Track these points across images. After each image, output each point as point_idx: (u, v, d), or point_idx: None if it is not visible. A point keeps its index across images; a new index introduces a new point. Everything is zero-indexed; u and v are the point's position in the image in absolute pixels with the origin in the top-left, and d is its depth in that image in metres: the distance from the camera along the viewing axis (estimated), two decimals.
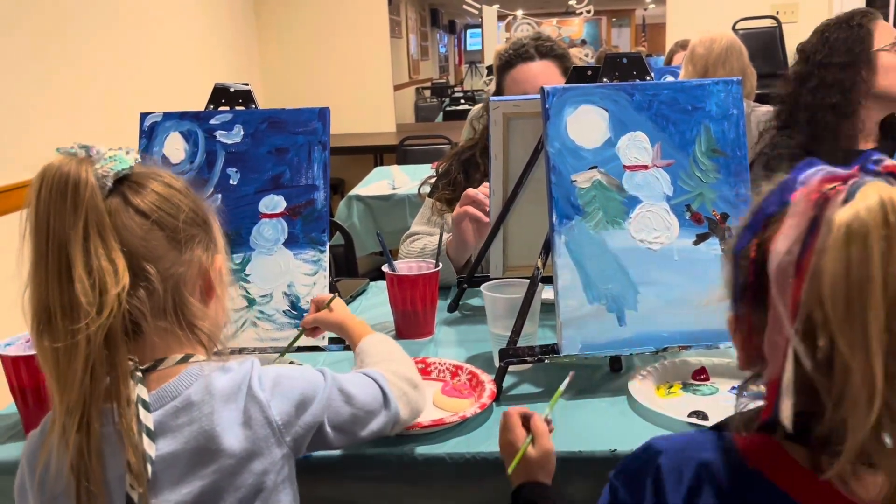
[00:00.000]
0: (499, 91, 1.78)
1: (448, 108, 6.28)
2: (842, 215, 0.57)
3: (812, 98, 1.81)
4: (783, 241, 0.60)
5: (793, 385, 0.60)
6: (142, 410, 0.79)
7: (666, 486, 0.69)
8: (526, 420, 0.94)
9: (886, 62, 1.78)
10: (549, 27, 5.91)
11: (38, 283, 0.77)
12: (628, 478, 0.74)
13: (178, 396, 0.82)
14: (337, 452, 1.03)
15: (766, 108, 2.82)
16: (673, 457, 0.71)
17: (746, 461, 0.68)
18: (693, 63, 2.78)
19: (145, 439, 0.79)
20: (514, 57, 1.74)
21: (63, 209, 0.77)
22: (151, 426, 0.80)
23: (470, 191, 1.53)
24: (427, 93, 6.69)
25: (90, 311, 0.75)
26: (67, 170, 0.79)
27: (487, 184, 1.54)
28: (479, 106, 3.16)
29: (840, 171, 0.61)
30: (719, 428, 0.73)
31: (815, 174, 0.61)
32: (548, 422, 0.95)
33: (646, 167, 1.18)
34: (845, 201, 0.58)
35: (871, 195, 0.57)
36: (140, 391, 0.80)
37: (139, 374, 0.81)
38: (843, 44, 1.81)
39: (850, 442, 0.58)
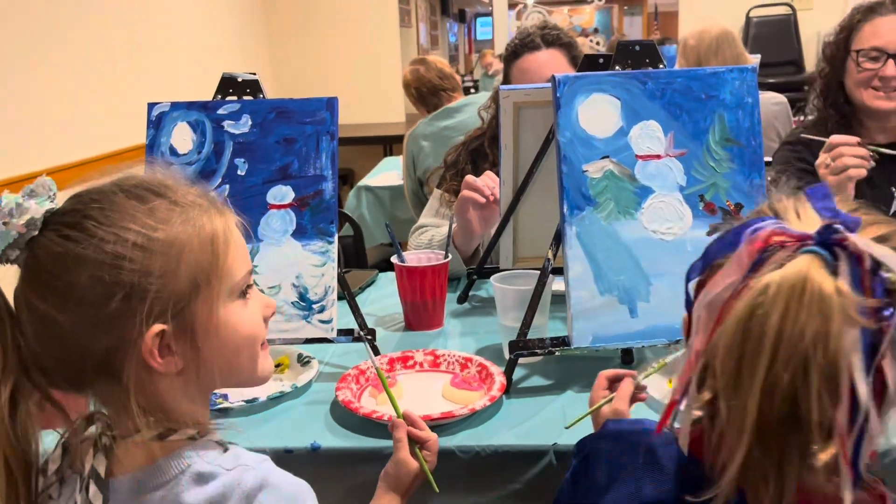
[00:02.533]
0: (506, 81, 1.77)
1: None
2: (758, 283, 0.56)
3: (820, 83, 1.78)
4: (715, 285, 0.60)
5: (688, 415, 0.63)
6: (92, 487, 0.67)
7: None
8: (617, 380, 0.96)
9: (850, 66, 1.71)
10: (560, 15, 5.86)
11: None
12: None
13: (137, 497, 0.68)
14: (347, 445, 1.02)
15: (771, 95, 2.78)
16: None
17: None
18: (685, 56, 2.75)
19: None
20: (519, 46, 1.72)
21: None
22: None
23: (469, 177, 1.51)
24: None
25: None
26: None
27: (490, 172, 1.52)
28: (482, 95, 3.16)
29: (793, 231, 0.59)
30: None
31: (769, 226, 0.59)
32: (640, 388, 0.96)
33: (658, 157, 1.16)
34: (781, 265, 0.57)
35: (790, 271, 0.56)
36: (98, 464, 0.68)
37: (106, 439, 0.69)
38: (836, 33, 1.76)
39: (718, 496, 0.60)
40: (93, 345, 0.67)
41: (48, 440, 0.73)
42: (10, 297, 0.69)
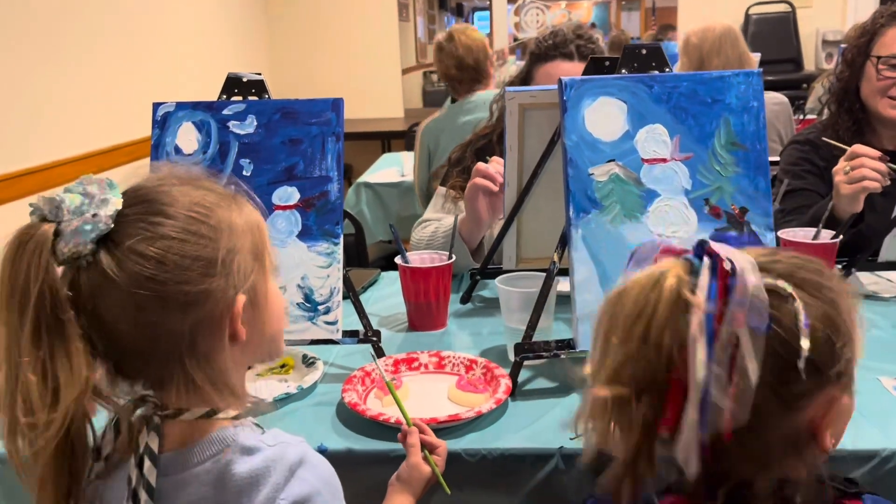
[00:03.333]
0: (528, 77, 1.75)
1: None
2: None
3: (837, 86, 1.76)
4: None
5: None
6: (147, 462, 0.71)
7: None
8: None
9: (869, 72, 1.69)
10: (558, 10, 5.85)
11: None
12: None
13: (186, 469, 0.72)
14: (353, 447, 1.02)
15: (771, 95, 2.77)
16: None
17: None
18: (688, 54, 2.72)
19: (143, 496, 0.70)
20: (552, 49, 1.71)
21: (14, 289, 0.66)
22: (153, 482, 0.70)
23: (480, 165, 1.51)
24: (435, 77, 6.64)
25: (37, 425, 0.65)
26: (26, 237, 0.67)
27: (497, 157, 1.52)
28: (491, 91, 3.11)
29: (677, 247, 0.71)
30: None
31: (656, 244, 0.73)
32: None
33: (664, 160, 1.16)
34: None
35: (658, 267, 0.68)
36: (151, 441, 0.72)
37: (157, 419, 0.73)
38: (857, 37, 1.73)
39: None
40: (179, 322, 0.70)
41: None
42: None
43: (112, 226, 0.68)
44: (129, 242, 0.68)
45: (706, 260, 0.65)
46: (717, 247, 0.65)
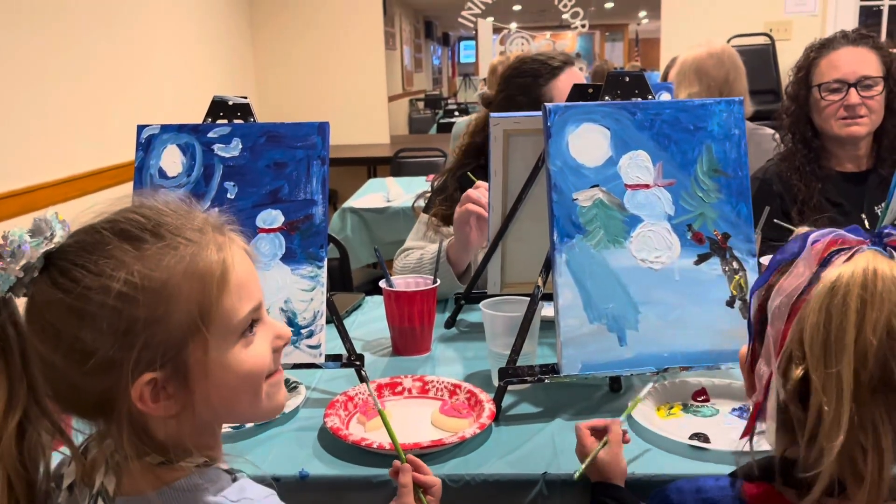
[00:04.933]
0: (537, 97, 1.72)
1: (442, 121, 6.29)
2: (831, 273, 0.66)
3: (787, 120, 1.84)
4: (786, 285, 0.69)
5: (775, 412, 0.69)
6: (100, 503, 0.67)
7: None
8: (600, 430, 1.00)
9: (815, 101, 1.79)
10: (543, 40, 5.93)
11: None
12: None
13: None
14: (336, 472, 1.01)
15: (768, 132, 2.77)
16: None
17: None
18: (709, 77, 2.59)
19: None
20: (565, 64, 1.74)
21: None
22: None
23: (470, 192, 1.52)
24: (421, 104, 6.70)
25: None
26: None
27: (484, 183, 1.52)
28: (465, 118, 3.13)
29: (851, 236, 0.69)
30: (734, 475, 0.78)
31: (828, 235, 0.70)
32: (623, 433, 1.00)
33: (647, 186, 1.17)
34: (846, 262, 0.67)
35: (860, 262, 0.65)
36: (108, 482, 0.68)
37: (117, 457, 0.68)
38: (795, 73, 1.85)
39: (821, 475, 0.65)
40: (87, 386, 0.66)
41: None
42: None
43: (24, 277, 0.66)
44: (33, 298, 0.67)
45: (894, 251, 0.66)
46: None
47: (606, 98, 1.21)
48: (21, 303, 0.69)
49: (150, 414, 0.67)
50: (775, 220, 1.70)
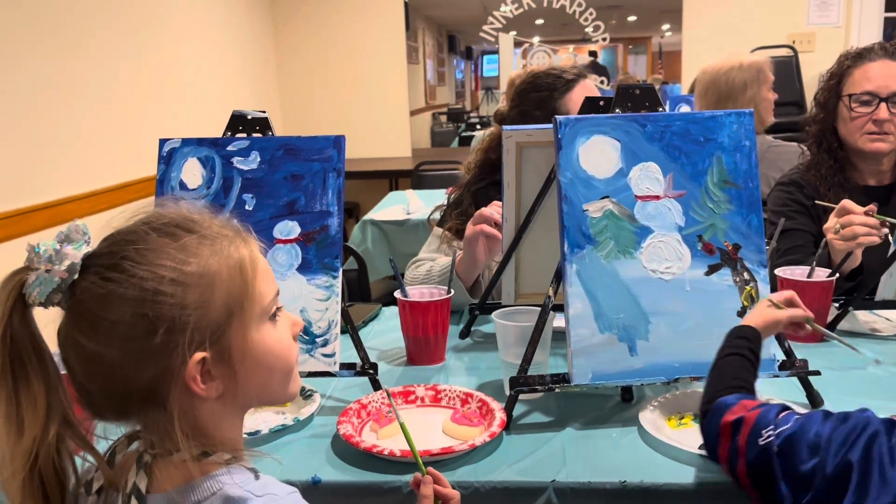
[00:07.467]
0: (552, 110, 1.74)
1: (464, 134, 6.32)
2: None
3: (814, 128, 1.82)
4: None
5: None
6: (133, 502, 0.71)
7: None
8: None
9: (843, 112, 1.75)
10: (566, 53, 5.95)
11: None
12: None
13: None
14: (348, 479, 1.03)
15: (793, 147, 2.76)
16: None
17: None
18: (717, 87, 2.63)
19: None
20: (580, 75, 1.76)
21: None
22: None
23: (484, 210, 1.54)
24: (443, 118, 6.75)
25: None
26: (6, 280, 0.70)
27: (498, 203, 1.54)
28: (484, 131, 3.14)
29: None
30: None
31: None
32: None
33: (658, 197, 1.18)
34: None
35: None
36: (140, 480, 0.71)
37: (147, 457, 0.72)
38: (827, 80, 1.81)
39: None
40: (139, 376, 0.69)
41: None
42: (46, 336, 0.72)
43: (68, 278, 0.69)
44: (79, 298, 0.69)
45: None
46: None
47: (617, 110, 1.22)
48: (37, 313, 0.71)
49: (200, 395, 0.71)
50: (817, 202, 1.68)
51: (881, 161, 1.76)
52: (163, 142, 1.33)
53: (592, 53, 5.76)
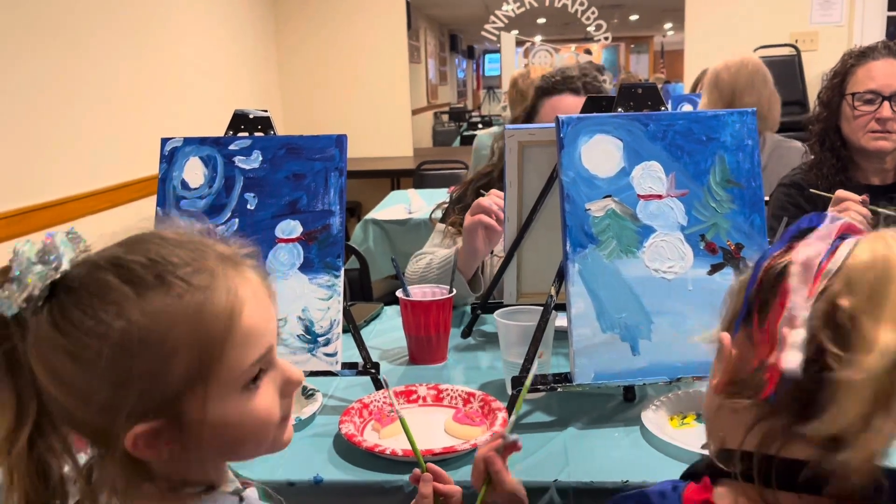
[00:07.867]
0: (532, 112, 1.78)
1: (465, 133, 6.32)
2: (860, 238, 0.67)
3: (817, 127, 1.82)
4: (813, 244, 0.68)
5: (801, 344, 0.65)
6: None
7: None
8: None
9: (846, 111, 1.76)
10: (567, 53, 5.94)
11: None
12: None
13: None
14: (350, 478, 1.03)
15: (797, 145, 2.76)
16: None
17: None
18: (719, 89, 2.69)
19: None
20: (560, 84, 1.75)
21: None
22: None
23: (482, 200, 1.54)
24: (445, 117, 6.74)
25: None
26: None
27: (496, 191, 1.54)
28: (486, 131, 3.13)
29: (862, 229, 0.70)
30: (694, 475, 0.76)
31: (843, 220, 0.70)
32: (514, 444, 0.90)
33: (660, 197, 1.18)
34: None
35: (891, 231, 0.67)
36: None
37: (121, 482, 0.66)
38: (830, 79, 1.81)
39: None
40: (84, 421, 0.64)
41: None
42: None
43: (26, 308, 0.63)
44: (40, 330, 0.63)
45: None
46: None
47: (619, 109, 1.22)
48: None
49: (146, 457, 0.65)
50: (812, 190, 1.68)
51: (884, 159, 1.77)
52: (165, 141, 1.33)
53: (588, 52, 5.76)
